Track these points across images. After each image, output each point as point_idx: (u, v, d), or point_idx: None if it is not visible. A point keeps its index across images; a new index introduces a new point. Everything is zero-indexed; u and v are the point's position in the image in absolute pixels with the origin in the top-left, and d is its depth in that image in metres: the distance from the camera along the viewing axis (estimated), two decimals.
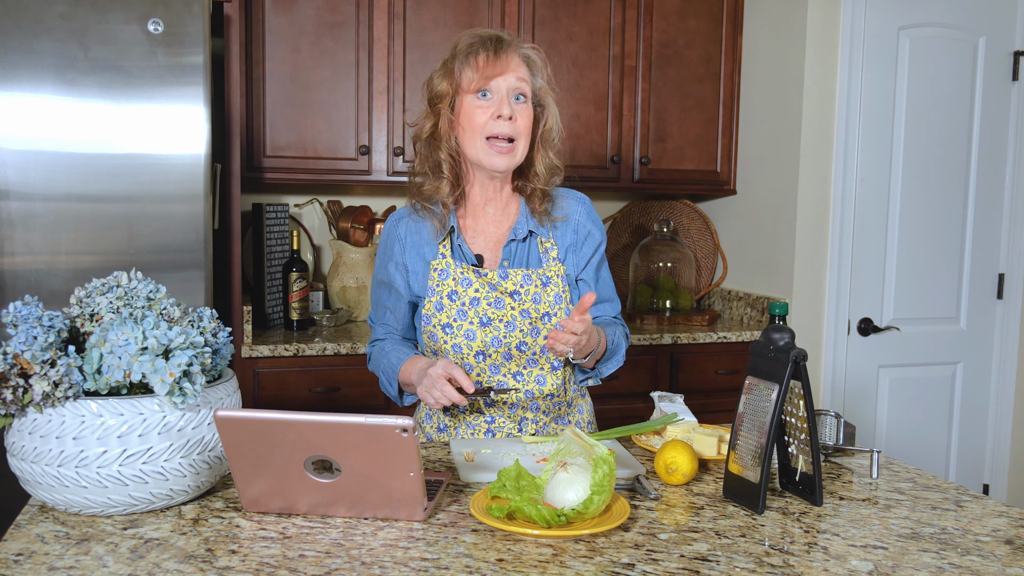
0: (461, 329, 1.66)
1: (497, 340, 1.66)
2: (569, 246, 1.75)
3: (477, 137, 1.62)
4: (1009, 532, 1.25)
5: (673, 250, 3.40)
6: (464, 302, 1.67)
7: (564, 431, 1.30)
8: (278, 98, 2.93)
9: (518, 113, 1.62)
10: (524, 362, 1.68)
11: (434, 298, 1.68)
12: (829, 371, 3.17)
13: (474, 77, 1.59)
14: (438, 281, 1.68)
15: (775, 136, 3.23)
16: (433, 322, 1.68)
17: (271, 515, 1.25)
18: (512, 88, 1.61)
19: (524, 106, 1.63)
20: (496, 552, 1.13)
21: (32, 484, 1.22)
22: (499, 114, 1.60)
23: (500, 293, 1.67)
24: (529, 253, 1.72)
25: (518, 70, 1.62)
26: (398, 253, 1.74)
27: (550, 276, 1.70)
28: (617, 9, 3.21)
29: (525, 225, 1.72)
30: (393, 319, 1.79)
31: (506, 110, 1.60)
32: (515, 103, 1.62)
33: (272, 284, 3.00)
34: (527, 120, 1.64)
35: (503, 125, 1.60)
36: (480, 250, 1.72)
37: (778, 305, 1.40)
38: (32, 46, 2.23)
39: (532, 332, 1.66)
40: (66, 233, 2.30)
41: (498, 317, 1.66)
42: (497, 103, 1.60)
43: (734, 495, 1.34)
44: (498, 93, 1.60)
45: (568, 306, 1.70)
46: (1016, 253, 3.37)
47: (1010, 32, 3.28)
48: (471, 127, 1.62)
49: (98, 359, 1.20)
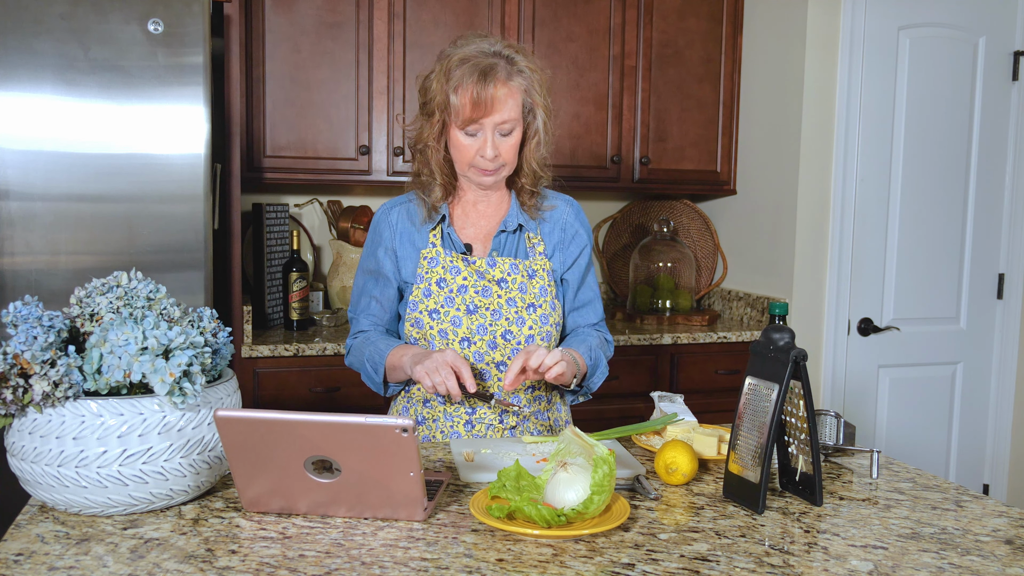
0: (448, 316, 1.69)
1: (483, 328, 1.68)
2: (556, 243, 1.78)
3: (464, 164, 1.68)
4: (1009, 532, 1.25)
5: (673, 250, 3.40)
6: (452, 289, 1.69)
7: (564, 431, 1.30)
8: (278, 98, 2.93)
9: (502, 146, 1.65)
10: (509, 352, 1.70)
11: (422, 284, 1.71)
12: (829, 371, 3.17)
13: (460, 115, 1.62)
14: (427, 268, 1.72)
15: (775, 136, 3.23)
16: (420, 308, 1.70)
17: (271, 515, 1.25)
18: (497, 125, 1.63)
19: (509, 137, 1.66)
20: (496, 552, 1.13)
21: (32, 484, 1.22)
22: (483, 154, 1.64)
23: (488, 281, 1.70)
24: (518, 246, 1.76)
25: (503, 109, 1.62)
26: (388, 239, 1.77)
27: (536, 269, 1.73)
28: (617, 9, 3.21)
29: (516, 218, 1.75)
30: (379, 309, 1.79)
31: (489, 151, 1.63)
32: (499, 139, 1.65)
33: (272, 284, 3.00)
34: (512, 149, 1.67)
35: (487, 162, 1.65)
36: (469, 240, 1.76)
37: (778, 305, 1.40)
38: (32, 46, 2.23)
39: (517, 321, 1.69)
40: (66, 233, 2.30)
41: (484, 305, 1.69)
42: (482, 142, 1.64)
43: (734, 495, 1.34)
44: (484, 131, 1.63)
45: (554, 300, 1.73)
46: (1016, 253, 3.37)
47: (1010, 32, 3.28)
48: (458, 155, 1.68)
49: (98, 359, 1.20)
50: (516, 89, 1.63)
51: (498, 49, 1.64)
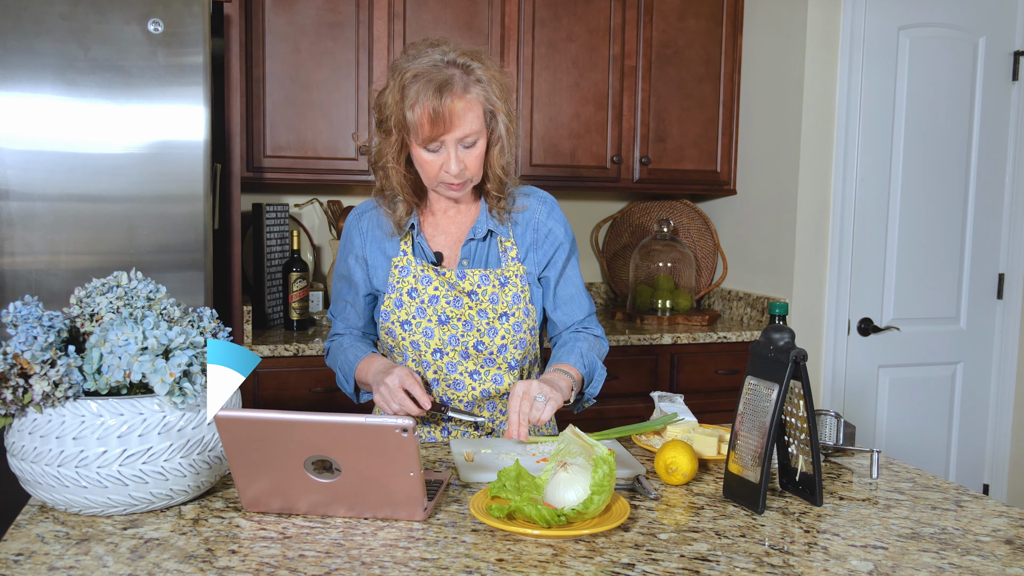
0: (419, 327, 1.68)
1: (455, 339, 1.67)
2: (529, 245, 1.74)
3: (431, 180, 1.62)
4: (1009, 532, 1.25)
5: (673, 250, 3.40)
6: (423, 300, 1.68)
7: (564, 431, 1.30)
8: (278, 98, 2.93)
9: (467, 159, 1.59)
10: (481, 361, 1.69)
11: (394, 295, 1.69)
12: (829, 371, 3.17)
13: (419, 134, 1.56)
14: (399, 278, 1.70)
15: (775, 136, 3.23)
16: (392, 319, 1.69)
17: (271, 515, 1.25)
18: (459, 140, 1.57)
19: (473, 149, 1.60)
20: (496, 552, 1.13)
21: (32, 484, 1.22)
22: (448, 169, 1.58)
23: (459, 292, 1.68)
24: (489, 252, 1.72)
25: (463, 124, 1.55)
26: (359, 247, 1.75)
27: (508, 276, 1.70)
28: (617, 9, 3.21)
29: (485, 225, 1.71)
30: (353, 314, 1.80)
31: (454, 167, 1.57)
32: (463, 152, 1.59)
33: (272, 284, 3.00)
34: (478, 159, 1.61)
35: (452, 177, 1.59)
36: (440, 248, 1.73)
37: (778, 305, 1.40)
38: (32, 46, 2.23)
39: (489, 332, 1.68)
40: (66, 233, 2.30)
41: (456, 316, 1.68)
42: (445, 157, 1.57)
43: (734, 495, 1.35)
44: (446, 147, 1.57)
45: (527, 306, 1.70)
46: (1016, 253, 3.37)
47: (1010, 32, 3.28)
48: (423, 171, 1.62)
49: (98, 359, 1.20)
50: (475, 100, 1.56)
51: (452, 58, 1.56)
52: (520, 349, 1.70)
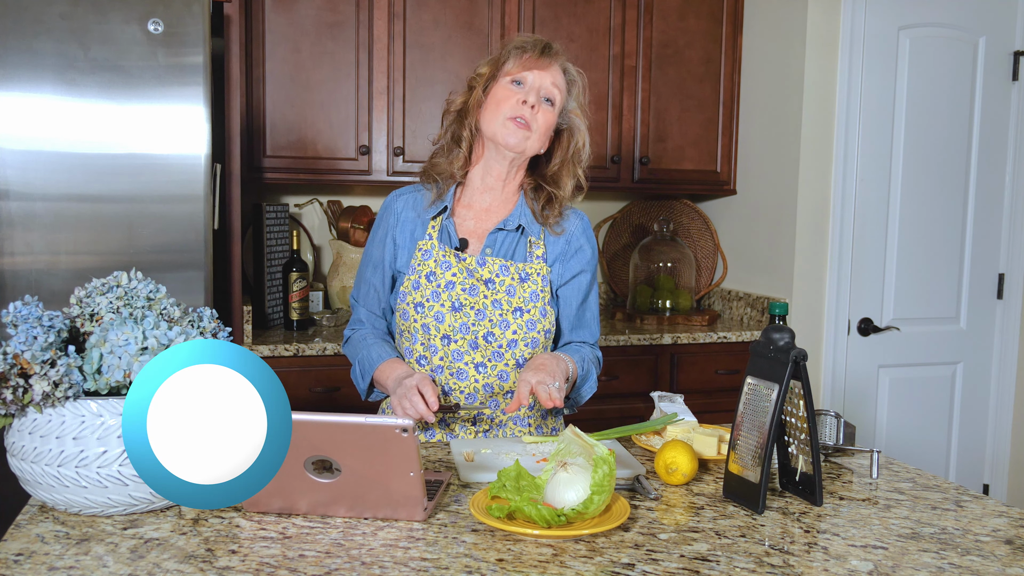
0: (432, 310, 1.69)
1: (465, 327, 1.68)
2: (558, 255, 1.76)
3: (500, 115, 1.67)
4: (1009, 532, 1.25)
5: (673, 250, 3.40)
6: (440, 284, 1.69)
7: (564, 431, 1.30)
8: (278, 98, 2.93)
9: (541, 110, 1.68)
10: (489, 354, 1.69)
11: (413, 276, 1.72)
12: (829, 371, 3.17)
13: (514, 65, 1.67)
14: (420, 260, 1.72)
15: (775, 136, 3.23)
16: (408, 299, 1.71)
17: (271, 515, 1.25)
18: (544, 88, 1.68)
19: (548, 109, 1.69)
20: (496, 552, 1.13)
21: (32, 484, 1.22)
22: (524, 100, 1.66)
23: (476, 280, 1.69)
24: (516, 247, 1.74)
25: (556, 76, 1.69)
26: (391, 225, 1.78)
27: (530, 273, 1.71)
28: (617, 9, 3.21)
29: (518, 218, 1.73)
30: (375, 300, 1.81)
31: (532, 98, 1.66)
32: (542, 103, 1.68)
33: (272, 284, 3.00)
34: (546, 121, 1.69)
35: (525, 110, 1.66)
36: (467, 235, 1.75)
37: (778, 305, 1.40)
38: (32, 46, 2.23)
39: (501, 324, 1.68)
40: (66, 233, 2.30)
41: (470, 304, 1.68)
42: (526, 92, 1.67)
43: (734, 495, 1.35)
44: (531, 87, 1.67)
45: (545, 307, 1.71)
46: (1016, 253, 3.37)
47: (1010, 32, 3.28)
48: (496, 106, 1.68)
49: (98, 359, 1.20)
50: (563, 81, 1.70)
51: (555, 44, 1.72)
52: (530, 348, 1.70)
